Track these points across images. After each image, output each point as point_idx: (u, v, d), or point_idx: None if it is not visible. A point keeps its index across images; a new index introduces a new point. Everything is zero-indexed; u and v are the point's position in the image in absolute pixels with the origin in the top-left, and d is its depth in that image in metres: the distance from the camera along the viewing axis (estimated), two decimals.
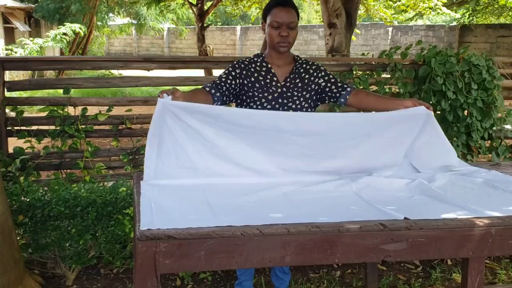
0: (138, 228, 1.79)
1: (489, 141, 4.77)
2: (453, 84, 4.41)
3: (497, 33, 20.27)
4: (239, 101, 2.72)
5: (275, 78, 2.69)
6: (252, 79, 2.67)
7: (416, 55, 4.56)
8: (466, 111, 4.54)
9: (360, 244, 1.91)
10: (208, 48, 10.20)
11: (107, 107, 4.08)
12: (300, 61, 2.77)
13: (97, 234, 3.31)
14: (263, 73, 2.69)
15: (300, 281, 3.41)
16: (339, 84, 2.72)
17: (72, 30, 14.78)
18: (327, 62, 4.90)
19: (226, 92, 2.63)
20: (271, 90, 2.67)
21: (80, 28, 15.12)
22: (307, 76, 2.73)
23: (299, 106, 2.71)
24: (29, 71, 13.63)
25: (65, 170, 4.06)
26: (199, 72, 9.95)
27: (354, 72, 4.46)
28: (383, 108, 2.60)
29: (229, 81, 2.65)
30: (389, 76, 4.51)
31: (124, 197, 3.34)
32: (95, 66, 4.04)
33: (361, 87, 4.45)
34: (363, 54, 5.21)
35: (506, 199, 2.28)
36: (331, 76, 2.75)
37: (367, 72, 4.52)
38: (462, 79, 4.44)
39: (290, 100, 2.68)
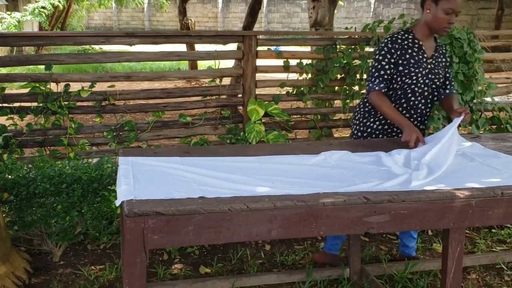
0: (125, 204, 1.81)
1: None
2: None
3: (478, 5, 20.34)
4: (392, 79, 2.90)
5: (425, 54, 2.89)
6: (407, 55, 2.84)
7: (398, 29, 4.56)
8: None
9: (344, 217, 1.96)
10: (189, 21, 10.06)
11: (89, 83, 4.04)
12: (439, 42, 3.00)
13: (83, 211, 3.32)
14: (416, 49, 2.86)
15: (286, 253, 3.47)
16: (449, 82, 3.01)
17: (50, 3, 14.47)
18: (310, 36, 4.89)
19: (390, 80, 2.89)
20: (423, 66, 2.87)
21: (59, 1, 14.80)
22: (444, 59, 2.98)
23: (440, 84, 2.96)
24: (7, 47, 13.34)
25: (48, 147, 4.03)
26: (182, 47, 9.85)
27: (338, 46, 4.46)
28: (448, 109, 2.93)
29: (390, 68, 2.85)
30: (372, 50, 4.52)
31: (109, 173, 3.34)
32: (76, 41, 3.98)
33: (345, 61, 4.47)
34: (346, 28, 5.21)
35: (481, 171, 2.34)
36: (449, 71, 3.02)
37: (351, 46, 4.53)
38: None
39: (436, 76, 2.92)
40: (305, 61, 4.56)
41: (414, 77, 2.86)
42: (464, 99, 4.63)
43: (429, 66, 2.89)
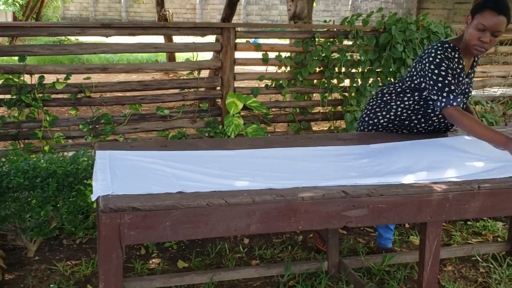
0: (100, 199, 1.78)
1: None
2: (413, 51, 4.48)
3: None
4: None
5: (462, 74, 2.70)
6: (454, 73, 2.62)
7: (376, 22, 4.59)
8: None
9: (323, 211, 1.95)
10: (167, 12, 9.94)
11: (64, 75, 3.96)
12: (477, 58, 2.81)
13: (58, 205, 3.26)
14: (459, 70, 2.67)
15: (264, 247, 3.46)
16: (467, 97, 2.83)
17: None
18: (289, 29, 4.88)
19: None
20: (462, 87, 2.72)
21: None
22: (473, 74, 2.81)
23: (466, 100, 2.81)
24: None
25: (23, 140, 3.95)
26: (159, 39, 9.73)
27: (317, 39, 4.46)
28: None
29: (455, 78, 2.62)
30: (350, 43, 4.53)
31: (85, 167, 3.29)
32: (51, 32, 3.89)
33: (324, 54, 4.47)
34: (325, 21, 5.22)
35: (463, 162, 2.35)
36: (472, 78, 2.84)
37: (329, 39, 4.53)
38: (421, 46, 4.50)
39: (465, 96, 2.78)
40: (284, 54, 4.55)
41: None
42: None
43: (463, 87, 2.73)
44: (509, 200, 2.17)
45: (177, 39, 9.20)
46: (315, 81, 4.69)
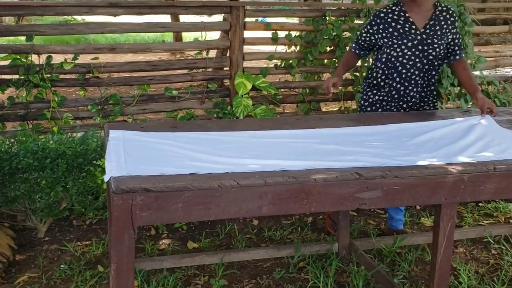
0: (112, 180, 1.76)
1: (458, 88, 4.82)
2: None
3: None
4: (376, 49, 3.03)
5: (413, 26, 2.86)
6: (390, 29, 2.88)
7: (388, 0, 4.50)
8: None
9: (335, 193, 1.93)
10: None
11: (72, 55, 3.92)
12: (440, 8, 2.90)
13: (68, 186, 3.25)
14: (401, 22, 2.87)
15: (274, 228, 3.45)
16: (457, 47, 2.96)
17: None
18: (299, 7, 4.80)
19: (368, 48, 3.04)
20: (410, 37, 2.84)
21: None
22: (445, 26, 2.89)
23: (437, 54, 2.89)
24: None
25: (31, 121, 3.93)
26: (166, 18, 9.63)
27: (327, 17, 4.38)
28: (464, 86, 3.14)
29: (368, 38, 2.98)
30: (362, 22, 4.45)
31: (94, 148, 3.27)
32: (58, 11, 3.84)
33: (335, 33, 4.39)
34: None
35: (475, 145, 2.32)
36: (457, 35, 2.94)
37: (341, 17, 4.44)
38: None
39: (430, 47, 2.86)
40: (293, 33, 4.47)
41: (399, 49, 2.87)
42: (453, 73, 4.60)
43: (419, 37, 2.85)
44: None
45: (183, 18, 9.10)
46: (325, 60, 4.62)
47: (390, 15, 2.90)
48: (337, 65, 4.50)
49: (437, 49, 2.89)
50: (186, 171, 1.87)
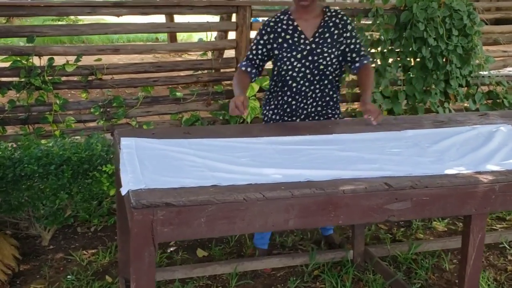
0: (131, 194, 1.66)
1: (465, 88, 4.75)
2: (434, 30, 4.31)
3: None
4: (272, 61, 2.73)
5: (302, 36, 2.61)
6: (280, 40, 2.62)
7: (396, 0, 4.42)
8: (445, 58, 4.48)
9: (364, 205, 1.84)
10: None
11: (75, 57, 3.81)
12: (329, 14, 2.65)
13: (72, 193, 3.15)
14: (290, 31, 2.63)
15: (285, 234, 3.36)
16: (355, 54, 2.68)
17: None
18: None
19: (260, 63, 2.69)
20: (299, 48, 2.60)
21: None
22: (336, 32, 2.63)
23: (329, 63, 2.64)
24: None
25: (32, 125, 3.82)
26: (161, 18, 9.41)
27: None
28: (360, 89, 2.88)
29: (260, 52, 2.67)
30: (370, 22, 4.36)
31: (100, 153, 3.16)
32: (61, 12, 3.73)
33: None
34: None
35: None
36: (354, 40, 2.67)
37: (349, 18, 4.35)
38: (443, 25, 4.34)
39: (320, 56, 2.61)
40: None
41: (288, 62, 2.61)
42: (462, 73, 4.54)
43: (308, 47, 2.60)
44: None
45: (178, 18, 8.84)
46: None
47: (279, 25, 2.63)
48: None
49: (328, 58, 2.62)
50: (207, 182, 1.78)
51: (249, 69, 2.66)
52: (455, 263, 3.08)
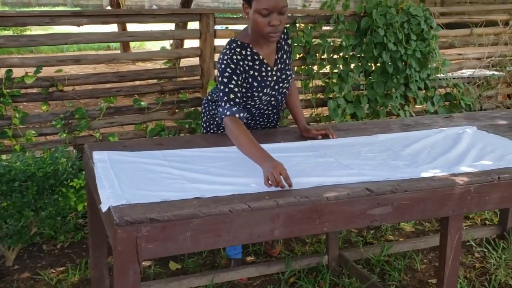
0: (112, 210, 1.61)
1: (424, 91, 4.88)
2: (394, 36, 4.42)
3: None
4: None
5: (268, 68, 2.44)
6: (250, 79, 2.39)
7: (356, 6, 4.50)
8: (404, 62, 4.59)
9: (347, 211, 1.85)
10: None
11: (34, 68, 3.68)
12: (282, 36, 2.51)
13: (38, 210, 3.03)
14: (257, 67, 2.40)
15: (257, 242, 3.34)
16: (289, 68, 2.56)
17: None
18: None
19: (243, 103, 2.40)
20: (267, 82, 2.45)
21: None
22: (287, 49, 2.56)
23: (290, 83, 2.58)
24: None
25: None
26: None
27: (298, 24, 4.32)
28: (291, 114, 2.72)
29: (240, 93, 2.33)
30: (331, 28, 4.42)
31: (66, 168, 3.06)
32: (18, 22, 3.58)
33: (305, 40, 4.34)
34: (304, 5, 5.08)
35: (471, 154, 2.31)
36: (289, 55, 2.57)
37: (310, 24, 4.40)
38: (402, 30, 4.44)
39: (285, 81, 2.53)
40: None
41: (257, 98, 2.45)
42: (421, 76, 4.66)
43: (274, 78, 2.47)
44: None
45: (131, 27, 8.57)
46: (295, 67, 4.56)
47: (246, 62, 2.38)
48: (308, 72, 4.45)
49: (289, 78, 2.55)
50: (189, 195, 1.75)
51: (241, 114, 2.27)
52: (425, 263, 3.15)
